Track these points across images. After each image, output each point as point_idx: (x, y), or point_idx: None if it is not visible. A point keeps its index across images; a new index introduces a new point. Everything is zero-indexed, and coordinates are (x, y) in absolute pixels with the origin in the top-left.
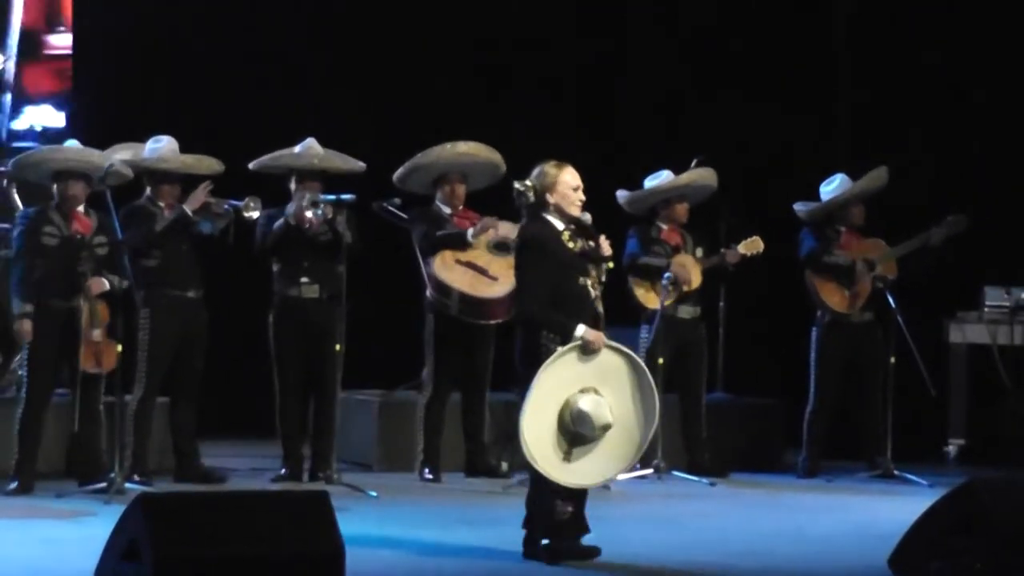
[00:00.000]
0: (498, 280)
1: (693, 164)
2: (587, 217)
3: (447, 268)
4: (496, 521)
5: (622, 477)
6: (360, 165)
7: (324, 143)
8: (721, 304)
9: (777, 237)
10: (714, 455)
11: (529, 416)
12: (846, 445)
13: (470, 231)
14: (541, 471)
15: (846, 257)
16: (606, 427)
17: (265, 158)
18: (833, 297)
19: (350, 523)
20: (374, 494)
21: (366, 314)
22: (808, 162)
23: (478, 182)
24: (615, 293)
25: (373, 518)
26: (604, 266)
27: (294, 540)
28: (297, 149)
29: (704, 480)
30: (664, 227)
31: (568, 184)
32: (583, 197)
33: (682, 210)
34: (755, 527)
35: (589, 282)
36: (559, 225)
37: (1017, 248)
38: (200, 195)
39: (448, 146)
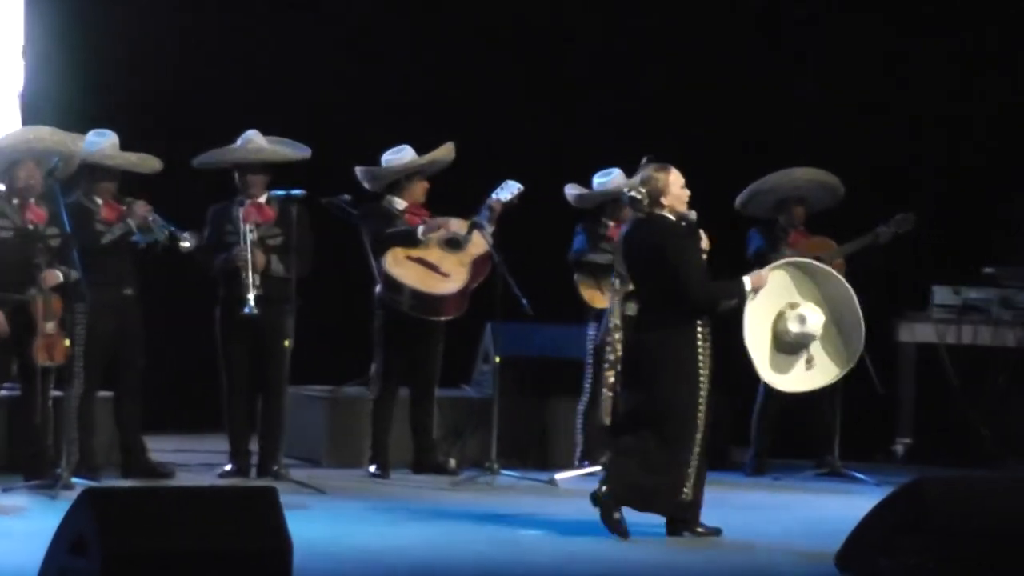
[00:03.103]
0: (449, 277)
1: (643, 163)
2: (693, 215)
3: (398, 264)
4: (444, 517)
5: (567, 475)
6: (305, 152)
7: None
8: None
9: (725, 234)
10: None
11: (761, 366)
12: (794, 443)
13: (420, 228)
14: (803, 390)
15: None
16: (824, 324)
17: (208, 154)
18: None
19: (298, 519)
20: (322, 490)
21: (315, 310)
22: (755, 159)
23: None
24: (562, 291)
25: (321, 514)
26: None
27: (242, 536)
28: (238, 142)
29: None
30: (611, 224)
31: (677, 184)
32: (689, 192)
33: (628, 211)
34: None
35: None
36: (674, 220)
37: (966, 248)
38: (141, 212)
39: (441, 152)
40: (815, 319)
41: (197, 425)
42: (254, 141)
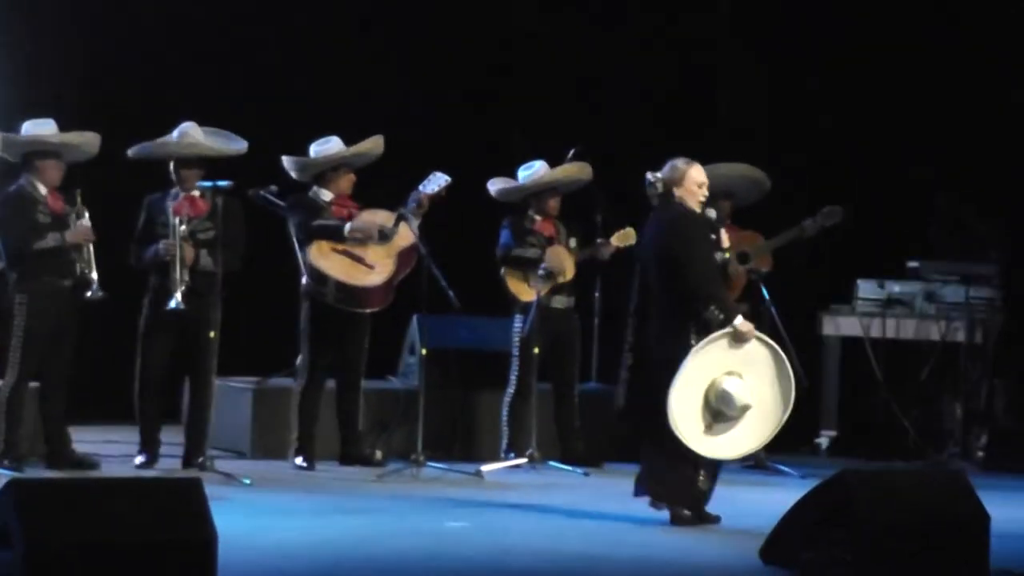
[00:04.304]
0: (375, 268)
1: (569, 156)
2: (711, 213)
3: (323, 256)
4: (370, 509)
5: (492, 467)
6: (241, 145)
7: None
8: (596, 294)
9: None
10: (588, 445)
11: (678, 389)
12: None
13: (347, 227)
14: (682, 440)
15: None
16: (745, 408)
17: (142, 146)
18: None
19: (223, 510)
20: (248, 481)
21: (242, 301)
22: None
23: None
24: (488, 283)
25: (246, 506)
26: (722, 255)
27: (166, 527)
28: (174, 135)
29: (578, 470)
30: (538, 218)
31: (694, 180)
32: (706, 193)
33: (554, 203)
34: (628, 517)
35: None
36: (687, 208)
37: (890, 241)
38: (82, 234)
39: (368, 144)
40: (744, 396)
41: (119, 415)
42: (190, 134)
